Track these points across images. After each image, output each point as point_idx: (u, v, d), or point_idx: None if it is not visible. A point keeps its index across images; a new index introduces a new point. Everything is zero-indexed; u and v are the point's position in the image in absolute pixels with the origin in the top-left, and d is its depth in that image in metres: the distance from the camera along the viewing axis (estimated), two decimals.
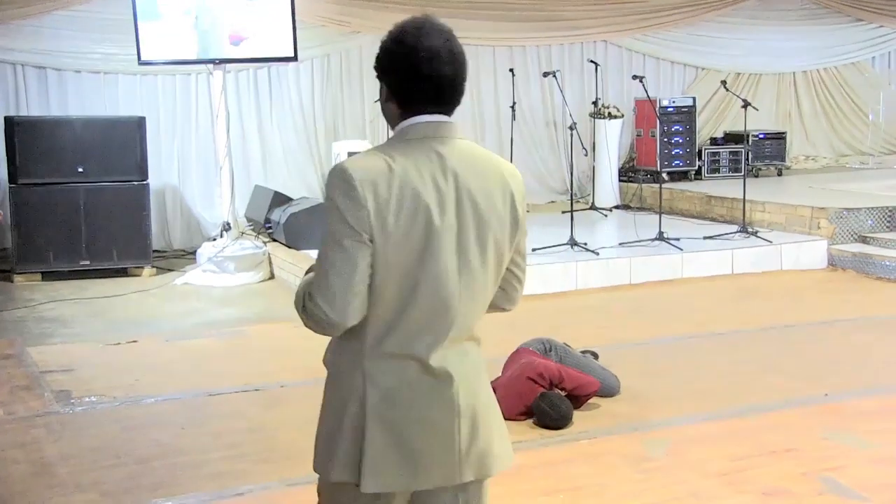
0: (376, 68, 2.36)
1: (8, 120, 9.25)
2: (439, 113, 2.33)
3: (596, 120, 12.01)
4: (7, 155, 9.22)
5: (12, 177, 9.13)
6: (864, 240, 9.61)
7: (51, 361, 6.55)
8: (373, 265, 2.24)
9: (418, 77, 2.29)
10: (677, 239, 9.32)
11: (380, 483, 2.30)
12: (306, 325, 2.32)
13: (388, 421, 2.30)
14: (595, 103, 12.15)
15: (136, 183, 9.39)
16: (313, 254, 7.67)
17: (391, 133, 2.41)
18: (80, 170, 9.19)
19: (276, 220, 9.60)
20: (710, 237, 9.66)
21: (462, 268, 2.30)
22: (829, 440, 4.97)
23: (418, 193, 2.24)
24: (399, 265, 2.25)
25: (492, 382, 5.68)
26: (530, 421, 5.21)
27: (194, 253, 9.84)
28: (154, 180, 9.79)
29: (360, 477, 2.29)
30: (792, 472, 4.53)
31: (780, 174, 13.31)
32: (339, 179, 2.24)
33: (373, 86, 2.63)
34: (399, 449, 2.30)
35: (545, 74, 10.80)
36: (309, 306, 2.27)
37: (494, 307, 2.51)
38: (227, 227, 9.44)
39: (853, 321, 7.54)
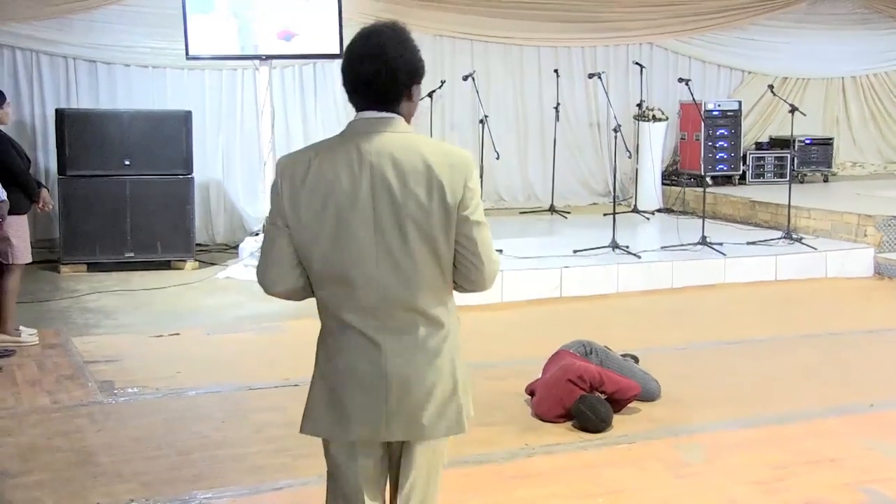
0: None
1: (58, 112, 9.39)
2: (378, 109, 2.60)
3: (640, 122, 11.95)
4: (57, 146, 9.36)
5: (61, 168, 9.26)
6: None
7: (95, 352, 6.64)
8: (294, 244, 2.61)
9: (349, 78, 2.62)
10: (720, 244, 9.25)
11: (311, 428, 2.69)
12: None
13: (327, 377, 2.66)
14: (639, 105, 12.08)
15: (181, 177, 9.48)
16: None
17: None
18: (127, 163, 9.30)
19: None
20: (754, 243, 9.57)
21: (381, 249, 2.56)
22: (872, 450, 4.90)
23: (331, 184, 2.55)
24: (319, 246, 2.58)
25: (531, 384, 5.73)
26: (569, 423, 5.19)
27: (237, 247, 9.92)
28: (198, 174, 9.88)
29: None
30: (833, 482, 4.48)
31: (826, 180, 13.17)
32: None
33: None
34: (332, 402, 2.65)
35: (590, 76, 10.76)
36: None
37: (458, 286, 2.70)
38: None
39: None
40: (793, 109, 9.87)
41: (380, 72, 2.56)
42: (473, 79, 10.45)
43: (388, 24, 2.63)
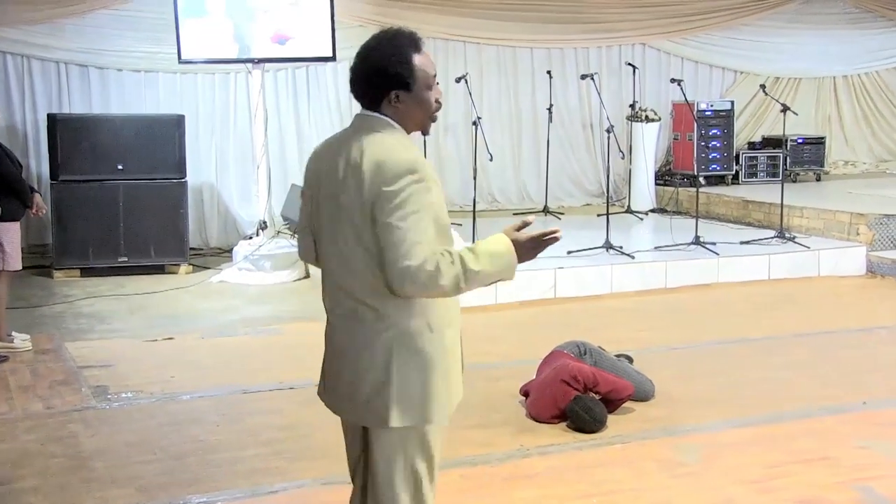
0: None
1: (51, 117, 9.38)
2: (364, 107, 2.76)
3: (633, 123, 11.97)
4: (49, 152, 9.34)
5: (54, 173, 9.25)
6: None
7: (89, 357, 6.63)
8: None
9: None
10: (713, 243, 9.27)
11: (319, 390, 2.96)
12: None
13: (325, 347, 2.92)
14: (632, 106, 12.10)
15: (174, 181, 9.48)
16: None
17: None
18: (120, 167, 9.29)
19: None
20: (747, 242, 9.59)
21: (331, 237, 2.76)
22: (866, 449, 4.91)
23: (318, 170, 2.81)
24: (312, 223, 2.88)
25: (526, 385, 5.73)
26: (564, 424, 5.20)
27: (231, 251, 9.91)
28: (192, 178, 9.88)
29: None
30: (827, 481, 4.49)
31: (818, 179, 13.19)
32: None
33: None
34: (324, 371, 2.92)
35: (583, 77, 10.77)
36: None
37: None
38: (263, 226, 9.50)
39: (892, 329, 7.46)
40: (785, 109, 9.88)
41: (356, 71, 2.74)
42: (466, 81, 10.45)
43: (394, 29, 2.74)
